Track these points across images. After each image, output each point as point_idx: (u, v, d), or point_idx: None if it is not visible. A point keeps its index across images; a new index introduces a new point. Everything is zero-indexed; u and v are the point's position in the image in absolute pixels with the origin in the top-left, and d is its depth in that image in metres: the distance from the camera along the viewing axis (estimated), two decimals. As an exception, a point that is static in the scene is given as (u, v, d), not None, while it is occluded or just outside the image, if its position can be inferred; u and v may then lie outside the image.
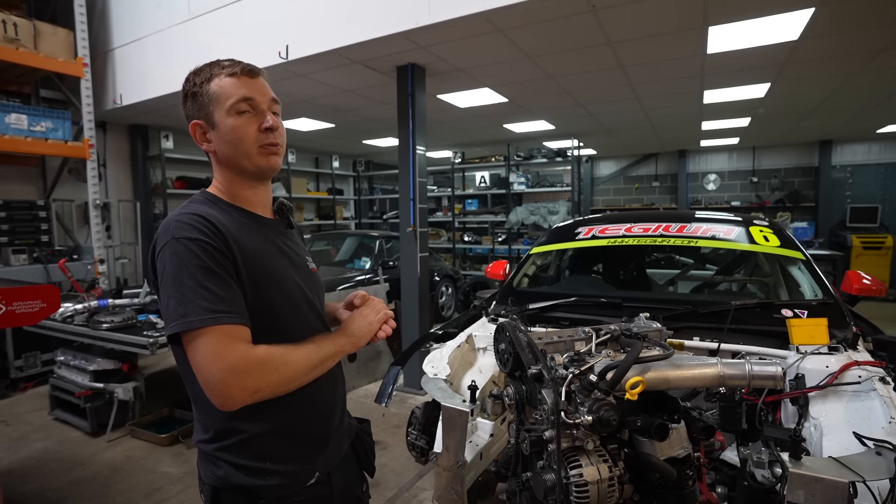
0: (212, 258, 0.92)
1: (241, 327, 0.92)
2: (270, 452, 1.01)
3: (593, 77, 4.89)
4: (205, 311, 0.88)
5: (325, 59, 4.02)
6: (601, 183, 11.45)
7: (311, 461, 1.07)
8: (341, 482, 1.14)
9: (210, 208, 1.02)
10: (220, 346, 0.88)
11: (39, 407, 4.20)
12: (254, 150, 1.04)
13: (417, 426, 1.76)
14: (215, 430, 1.01)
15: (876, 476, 1.07)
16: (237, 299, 0.94)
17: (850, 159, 9.24)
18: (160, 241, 0.95)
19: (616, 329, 1.34)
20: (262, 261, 1.02)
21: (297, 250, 1.16)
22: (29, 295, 2.51)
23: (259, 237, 1.06)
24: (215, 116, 1.04)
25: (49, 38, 4.88)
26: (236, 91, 1.03)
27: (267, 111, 1.06)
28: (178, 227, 0.94)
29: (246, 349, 0.90)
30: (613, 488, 1.09)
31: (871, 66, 4.55)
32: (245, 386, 0.88)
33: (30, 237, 5.15)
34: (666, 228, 2.61)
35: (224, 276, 0.93)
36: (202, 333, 0.88)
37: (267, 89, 1.08)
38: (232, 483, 1.00)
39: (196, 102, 1.06)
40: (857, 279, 2.43)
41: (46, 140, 4.91)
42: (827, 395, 1.57)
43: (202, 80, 1.05)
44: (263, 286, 1.00)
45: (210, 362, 0.87)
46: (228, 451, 1.00)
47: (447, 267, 7.80)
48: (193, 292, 0.89)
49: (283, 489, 1.02)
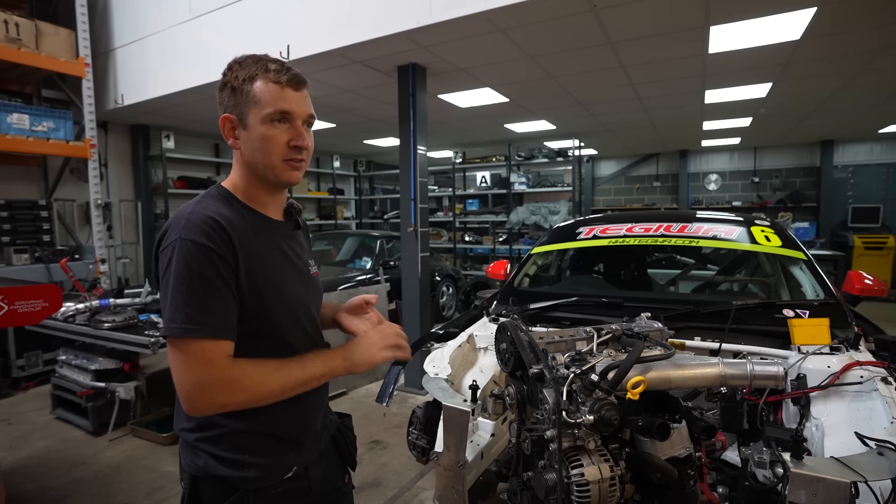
0: (212, 267, 0.94)
1: (221, 342, 0.94)
2: (248, 446, 1.03)
3: (594, 77, 4.88)
4: (189, 321, 0.91)
5: (326, 58, 4.02)
6: (602, 183, 11.45)
7: (287, 457, 1.08)
8: (320, 476, 1.16)
9: (223, 206, 1.03)
10: (193, 360, 0.91)
11: (41, 406, 4.20)
12: (279, 162, 1.04)
13: (418, 426, 1.76)
14: (197, 421, 1.03)
15: (878, 476, 1.06)
16: (227, 312, 0.95)
17: (851, 159, 9.22)
18: (169, 236, 0.96)
19: (617, 329, 1.34)
20: (265, 266, 1.03)
21: (300, 254, 1.17)
22: (31, 294, 2.52)
23: (266, 240, 1.06)
24: (249, 118, 1.02)
25: (51, 38, 4.89)
26: (276, 102, 1.01)
27: (301, 127, 1.05)
28: (188, 226, 0.95)
29: (219, 368, 0.92)
30: (615, 488, 1.08)
31: (872, 65, 4.54)
32: (211, 401, 0.92)
33: (31, 237, 5.16)
34: (667, 228, 2.60)
35: (219, 287, 0.94)
36: (182, 343, 0.92)
37: (307, 104, 1.06)
38: (210, 473, 1.01)
39: (233, 96, 1.03)
40: (859, 279, 2.43)
41: (48, 140, 4.92)
42: (828, 395, 1.56)
43: (245, 76, 1.02)
44: (262, 291, 1.01)
45: (182, 373, 0.91)
46: (208, 442, 1.02)
47: (448, 267, 7.80)
48: (184, 299, 0.92)
49: (260, 481, 1.03)
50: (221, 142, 7.93)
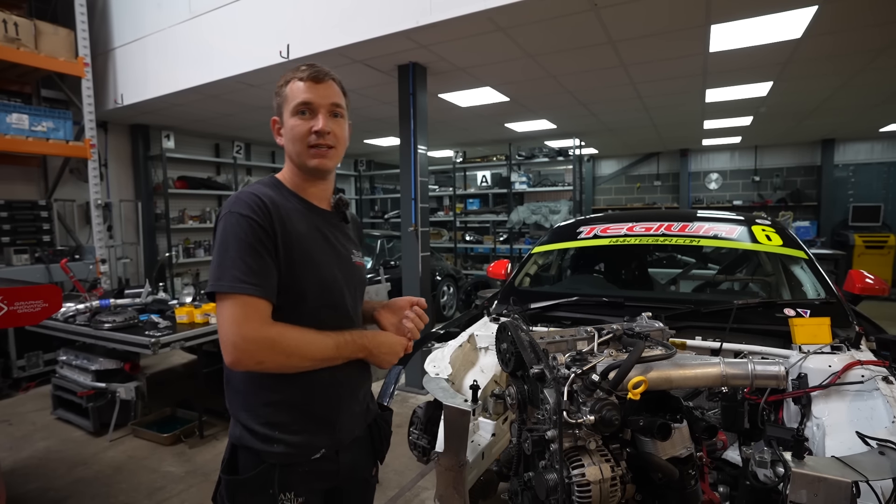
0: (255, 235, 1.05)
1: (262, 301, 1.04)
2: (280, 423, 1.11)
3: (595, 76, 4.88)
4: (236, 280, 1.02)
5: (326, 58, 4.02)
6: (603, 182, 11.44)
7: (316, 437, 1.15)
8: (349, 462, 1.22)
9: (270, 190, 1.15)
10: (240, 314, 1.01)
11: (42, 406, 4.21)
12: (304, 149, 1.15)
13: (419, 426, 1.76)
14: (239, 395, 1.14)
15: (879, 476, 1.06)
16: (268, 275, 1.06)
17: (852, 158, 9.21)
18: (223, 211, 1.10)
19: (618, 329, 1.34)
20: (304, 243, 1.13)
21: (344, 242, 1.27)
22: (31, 295, 2.51)
23: (307, 223, 1.17)
24: (284, 115, 1.17)
25: (50, 38, 4.89)
26: (300, 95, 1.14)
27: (323, 115, 1.15)
28: (237, 202, 1.08)
29: (260, 324, 1.03)
30: (616, 488, 1.08)
31: (873, 64, 4.54)
32: (252, 355, 1.01)
33: (31, 237, 5.16)
34: (668, 228, 2.60)
35: (262, 253, 1.05)
36: (229, 298, 1.02)
37: (330, 94, 1.17)
38: (244, 444, 1.11)
39: (276, 102, 1.20)
40: (860, 278, 2.42)
41: (48, 140, 4.92)
42: (830, 394, 1.56)
43: (282, 82, 1.18)
44: (298, 266, 1.11)
45: (229, 325, 1.01)
46: (244, 415, 1.12)
47: (448, 266, 7.80)
48: (232, 261, 1.03)
49: (287, 458, 1.10)
50: (222, 141, 7.94)
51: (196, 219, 7.38)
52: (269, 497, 1.09)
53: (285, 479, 1.10)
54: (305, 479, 1.13)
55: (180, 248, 7.15)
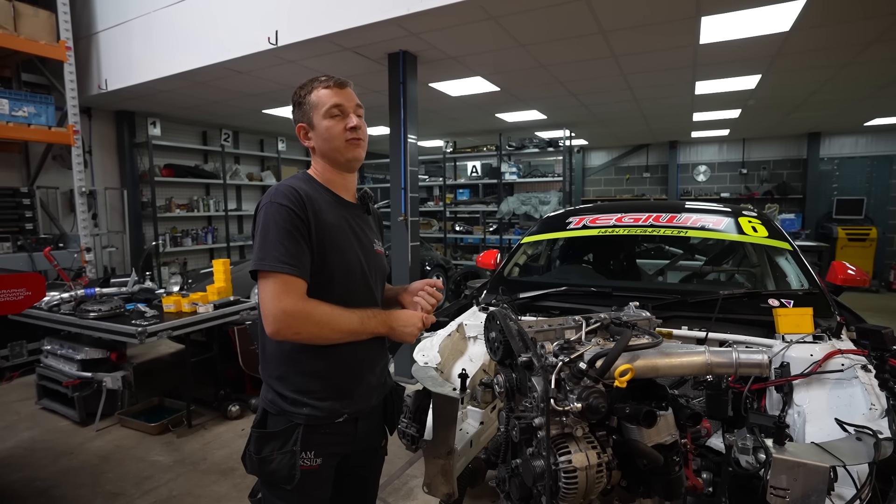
0: (292, 222, 1.21)
1: (299, 280, 1.20)
2: (308, 390, 1.27)
3: (586, 66, 4.87)
4: (276, 261, 1.17)
5: (316, 45, 3.96)
6: (592, 173, 11.48)
7: (338, 403, 1.30)
8: (365, 430, 1.38)
9: (304, 184, 1.32)
10: (280, 290, 1.17)
11: (26, 396, 4.16)
12: (342, 143, 1.33)
13: (408, 414, 1.77)
14: (273, 366, 1.30)
15: (856, 461, 1.09)
16: (304, 258, 1.22)
17: (837, 152, 9.34)
18: (263, 201, 1.25)
19: (606, 318, 1.35)
20: (333, 232, 1.29)
21: (367, 232, 1.43)
22: (13, 283, 2.47)
23: (336, 214, 1.32)
24: (315, 120, 1.34)
25: (30, 20, 4.76)
26: (330, 99, 1.32)
27: (352, 114, 1.34)
28: (276, 193, 1.24)
29: (298, 298, 1.18)
30: (602, 474, 1.10)
31: (861, 57, 4.58)
32: (289, 325, 1.17)
33: (14, 225, 5.06)
34: (656, 219, 2.62)
35: (298, 238, 1.21)
36: (270, 276, 1.18)
37: (353, 97, 1.37)
38: (276, 406, 1.28)
39: (301, 109, 1.36)
40: (842, 270, 2.46)
41: (29, 125, 4.81)
42: (811, 382, 1.60)
43: (305, 92, 1.35)
44: (327, 251, 1.27)
45: (270, 299, 1.17)
46: (278, 382, 1.28)
47: (438, 256, 7.80)
48: (272, 245, 1.19)
49: (314, 420, 1.26)
50: (209, 129, 7.81)
51: (183, 207, 7.28)
52: (291, 453, 1.24)
53: (308, 440, 1.25)
54: (326, 441, 1.28)
55: (167, 237, 7.06)
